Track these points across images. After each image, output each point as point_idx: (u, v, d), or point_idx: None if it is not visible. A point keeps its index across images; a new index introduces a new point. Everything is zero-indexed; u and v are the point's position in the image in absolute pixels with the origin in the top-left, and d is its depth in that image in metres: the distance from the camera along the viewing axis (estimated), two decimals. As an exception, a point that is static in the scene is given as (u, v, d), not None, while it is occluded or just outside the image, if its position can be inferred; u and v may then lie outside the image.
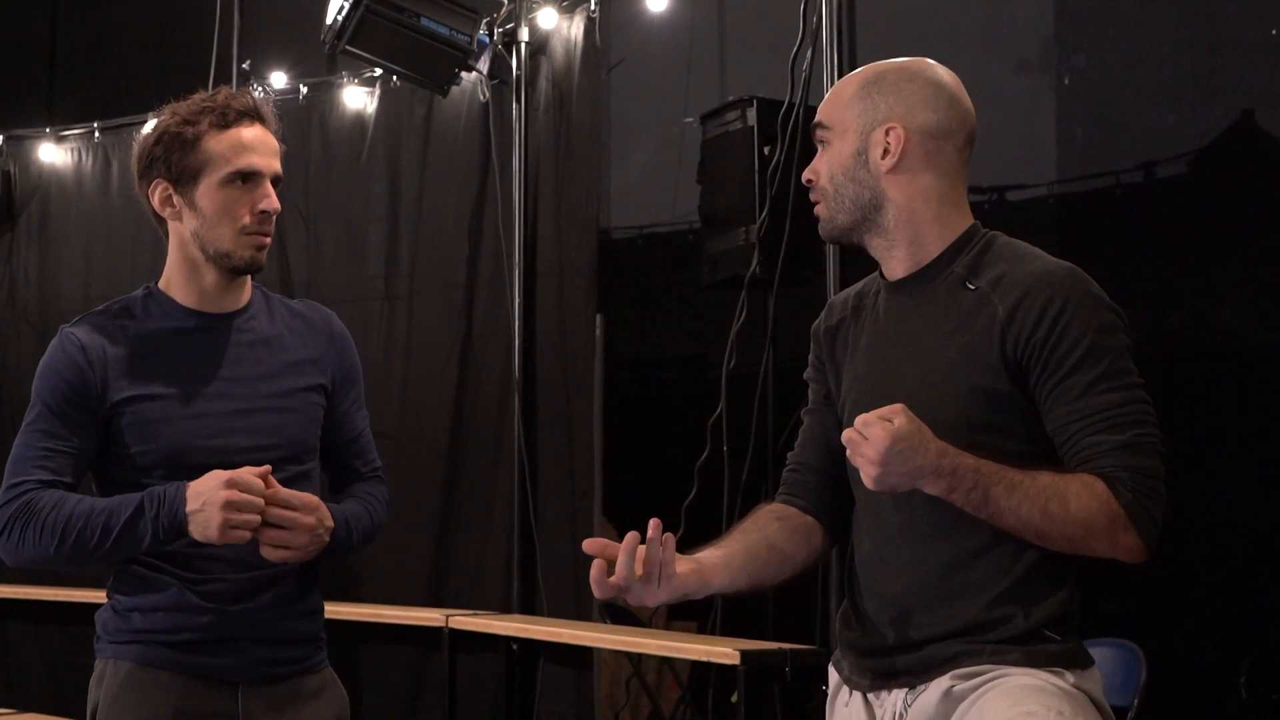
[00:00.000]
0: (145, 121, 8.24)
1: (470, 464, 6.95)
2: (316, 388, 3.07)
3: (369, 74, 7.25)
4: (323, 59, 7.26)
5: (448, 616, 6.32)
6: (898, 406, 2.36)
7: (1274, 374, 5.11)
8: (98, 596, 7.97)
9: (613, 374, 6.73)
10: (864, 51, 5.35)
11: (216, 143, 2.95)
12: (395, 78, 6.95)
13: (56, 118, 8.63)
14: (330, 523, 2.92)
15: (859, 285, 2.75)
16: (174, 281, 3.05)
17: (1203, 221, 5.33)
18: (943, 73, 2.61)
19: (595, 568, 2.42)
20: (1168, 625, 5.17)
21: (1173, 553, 5.18)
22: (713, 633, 5.86)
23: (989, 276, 2.49)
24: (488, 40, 6.66)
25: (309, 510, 2.87)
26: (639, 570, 2.44)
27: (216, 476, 2.79)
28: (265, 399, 2.99)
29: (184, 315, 3.01)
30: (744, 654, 4.92)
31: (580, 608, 6.53)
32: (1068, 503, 2.35)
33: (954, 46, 5.80)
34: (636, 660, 6.26)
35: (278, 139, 3.04)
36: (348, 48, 6.26)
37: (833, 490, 2.72)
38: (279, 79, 7.54)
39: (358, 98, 7.33)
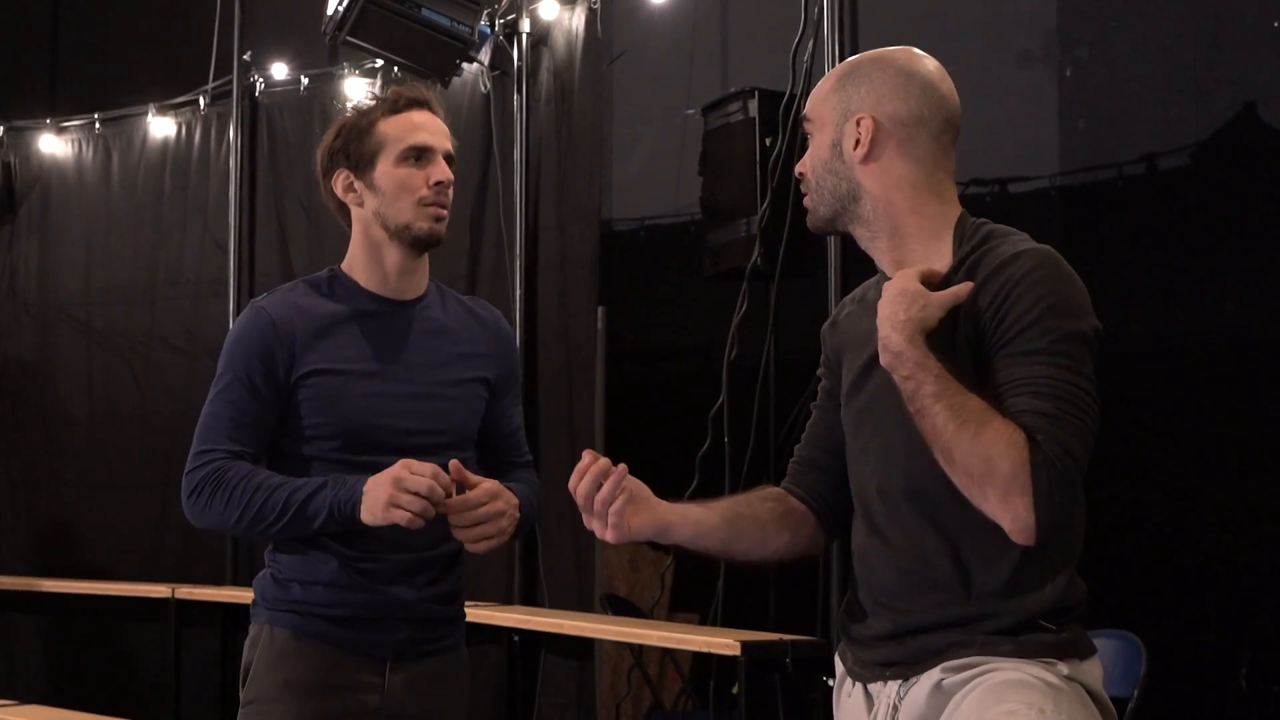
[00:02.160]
0: (146, 113, 8.31)
1: (471, 455, 6.94)
2: (482, 380, 3.22)
3: (370, 65, 7.25)
4: (324, 50, 7.26)
5: (449, 608, 6.31)
6: (941, 299, 2.41)
7: (1276, 366, 5.11)
8: (97, 588, 8.00)
9: (614, 365, 6.73)
10: (865, 43, 5.35)
11: (389, 125, 3.13)
12: (396, 69, 6.95)
13: (57, 109, 8.63)
14: (516, 501, 3.09)
15: (869, 281, 2.75)
16: (357, 265, 3.18)
17: (1205, 214, 5.33)
18: (921, 60, 2.59)
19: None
20: (1168, 616, 5.18)
21: (1174, 544, 5.20)
22: (714, 624, 5.87)
23: (970, 275, 2.47)
24: (489, 31, 6.66)
25: (493, 498, 3.02)
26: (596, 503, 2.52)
27: (395, 466, 2.94)
28: (437, 386, 3.15)
29: (368, 299, 3.15)
30: (745, 645, 4.93)
31: (582, 599, 6.54)
32: (981, 432, 2.29)
33: (956, 39, 5.80)
34: (638, 651, 6.26)
35: (446, 126, 3.22)
36: (348, 39, 6.25)
37: (830, 485, 2.72)
38: (280, 70, 7.55)
39: (359, 89, 7.33)
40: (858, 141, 2.53)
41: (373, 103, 3.18)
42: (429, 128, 3.15)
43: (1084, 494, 2.36)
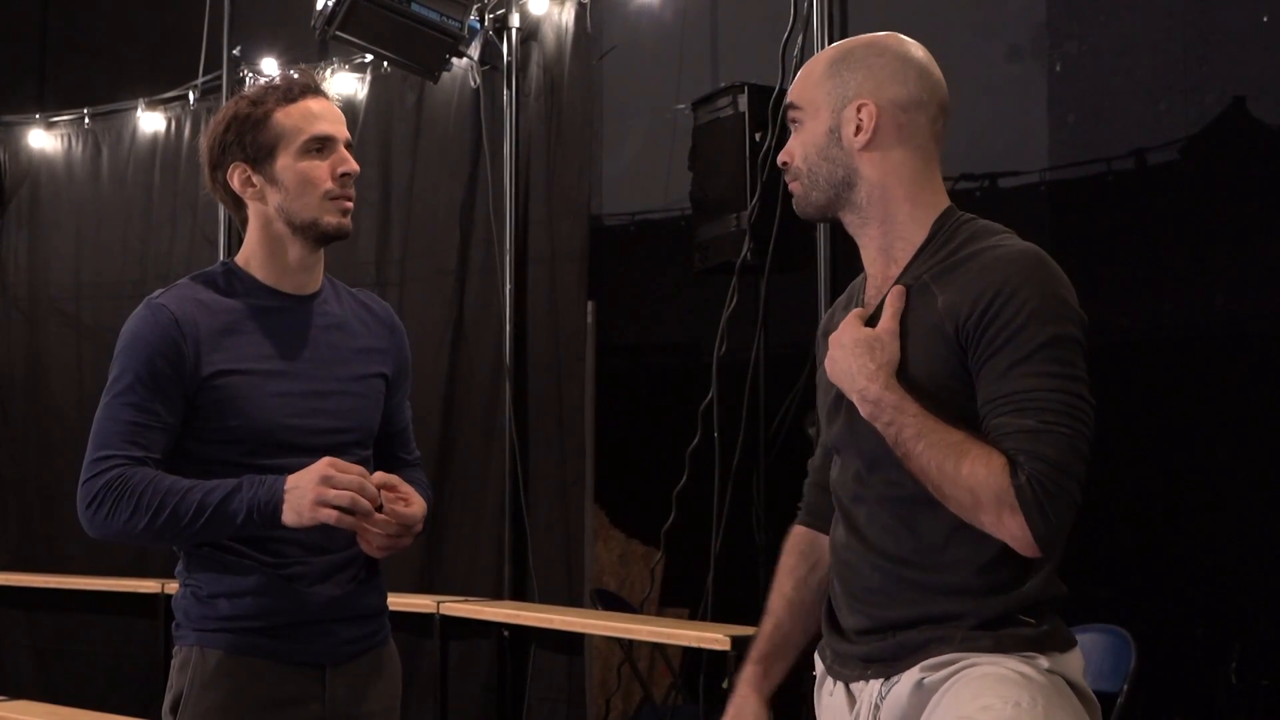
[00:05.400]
0: (136, 108, 8.31)
1: (461, 450, 6.95)
2: (381, 375, 3.12)
3: (360, 60, 7.25)
4: (313, 45, 7.26)
5: (439, 603, 6.32)
6: (887, 326, 2.43)
7: (1267, 360, 5.11)
8: (87, 583, 7.98)
9: (604, 360, 6.73)
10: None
11: (286, 116, 2.98)
12: (386, 64, 6.95)
13: (47, 104, 8.63)
14: (423, 519, 2.99)
15: (854, 282, 2.73)
16: (255, 260, 3.05)
17: (1195, 208, 5.33)
18: (911, 45, 2.58)
19: None
20: (1158, 611, 5.18)
21: (1164, 538, 5.20)
22: (704, 619, 5.87)
23: (950, 275, 2.46)
24: (479, 26, 6.66)
25: (415, 522, 2.93)
26: None
27: (319, 464, 2.82)
28: (341, 382, 3.04)
29: (267, 294, 3.03)
30: (735, 640, 4.93)
31: (572, 593, 6.54)
32: (961, 465, 2.31)
33: (946, 33, 5.79)
34: (628, 646, 6.27)
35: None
36: (338, 33, 6.25)
37: None
38: (270, 65, 7.54)
39: (349, 84, 7.33)
40: (859, 127, 2.51)
41: (263, 90, 3.02)
42: (328, 116, 3.01)
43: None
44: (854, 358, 2.43)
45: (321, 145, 2.98)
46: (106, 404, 2.92)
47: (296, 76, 3.05)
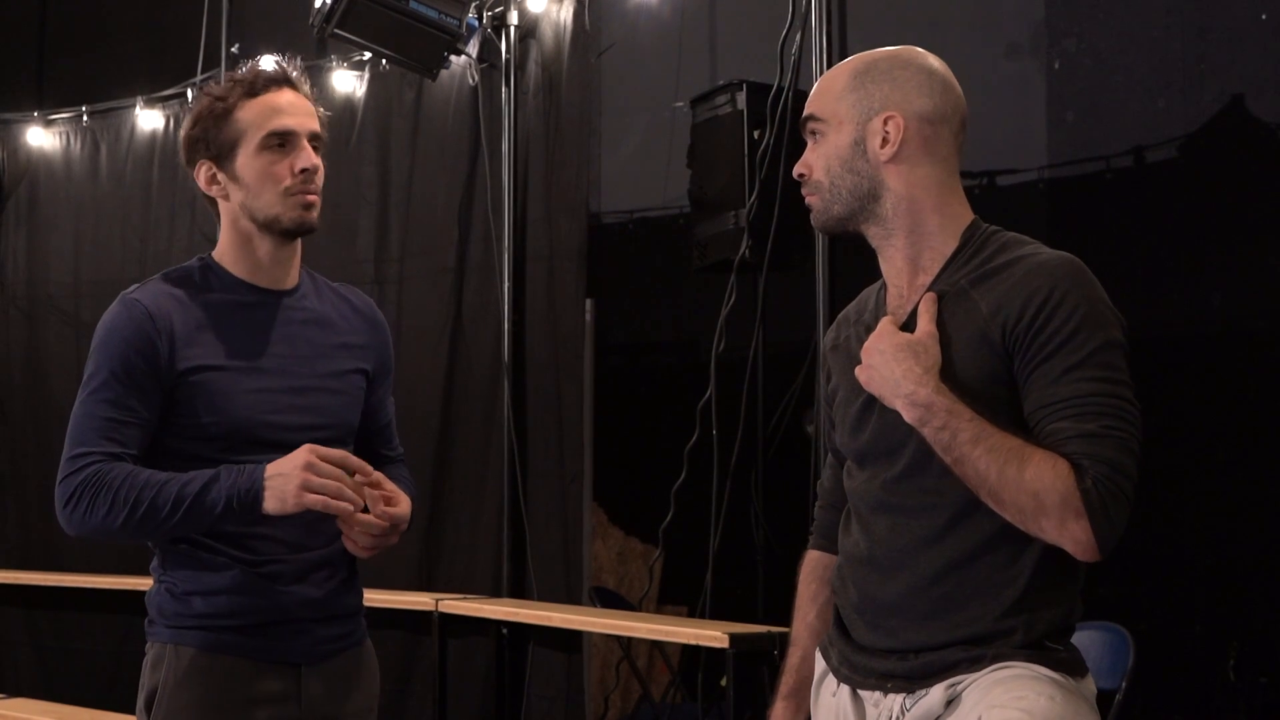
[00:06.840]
0: (134, 105, 8.29)
1: (460, 448, 6.95)
2: (360, 371, 3.09)
3: (358, 58, 7.24)
4: (312, 43, 7.24)
5: (438, 600, 6.31)
6: (927, 329, 2.41)
7: (1264, 358, 5.11)
8: (86, 581, 7.96)
9: (603, 358, 6.73)
10: (853, 35, 5.35)
11: (247, 111, 2.94)
12: (384, 61, 6.94)
13: (45, 102, 8.62)
14: (408, 518, 2.98)
15: (863, 295, 2.73)
16: (228, 256, 3.02)
17: (1193, 206, 5.33)
18: (932, 59, 2.59)
19: None
20: (1156, 608, 5.18)
21: (1162, 536, 5.20)
22: (702, 616, 5.87)
23: (989, 281, 2.46)
24: (477, 24, 6.65)
25: (401, 521, 2.93)
26: None
27: (300, 451, 2.79)
28: (319, 378, 3.00)
29: (243, 289, 2.99)
30: (733, 637, 4.93)
31: (570, 591, 6.54)
32: (1024, 469, 2.30)
33: (944, 30, 5.79)
34: (627, 644, 6.27)
35: (312, 103, 3.04)
36: (336, 31, 6.24)
37: None
38: (268, 62, 7.52)
39: (347, 81, 7.32)
40: (885, 139, 2.51)
41: (229, 85, 2.98)
42: (291, 109, 2.96)
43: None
44: (897, 363, 2.41)
45: (283, 140, 2.94)
46: (82, 401, 2.90)
47: (267, 68, 3.01)
